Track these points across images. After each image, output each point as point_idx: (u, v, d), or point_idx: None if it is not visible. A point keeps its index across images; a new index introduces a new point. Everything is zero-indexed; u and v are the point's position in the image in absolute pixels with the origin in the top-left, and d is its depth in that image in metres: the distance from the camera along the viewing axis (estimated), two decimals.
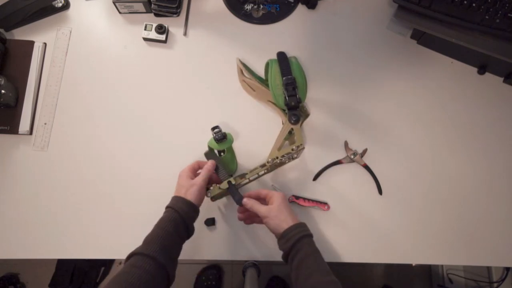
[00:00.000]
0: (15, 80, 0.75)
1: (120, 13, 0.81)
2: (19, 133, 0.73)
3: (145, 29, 0.78)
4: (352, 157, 0.73)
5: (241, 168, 0.73)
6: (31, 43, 0.77)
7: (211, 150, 0.70)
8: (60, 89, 0.77)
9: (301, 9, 0.83)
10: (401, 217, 0.72)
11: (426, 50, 0.81)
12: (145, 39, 0.79)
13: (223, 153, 0.71)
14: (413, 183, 0.74)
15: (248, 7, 0.82)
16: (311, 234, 0.59)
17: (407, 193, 0.74)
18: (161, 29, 0.78)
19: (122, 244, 0.70)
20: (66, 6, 0.81)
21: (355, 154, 0.73)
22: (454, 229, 0.72)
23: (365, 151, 0.74)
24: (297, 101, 0.65)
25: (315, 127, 0.76)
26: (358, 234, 0.71)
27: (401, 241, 0.71)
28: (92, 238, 0.70)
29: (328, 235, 0.71)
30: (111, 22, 0.81)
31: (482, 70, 0.79)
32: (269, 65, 0.69)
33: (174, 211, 0.58)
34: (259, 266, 1.26)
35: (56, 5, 0.80)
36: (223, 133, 0.68)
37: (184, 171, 0.64)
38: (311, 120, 0.76)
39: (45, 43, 0.78)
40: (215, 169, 0.67)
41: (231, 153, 0.72)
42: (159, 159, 0.74)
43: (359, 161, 0.73)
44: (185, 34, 0.81)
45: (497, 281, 1.18)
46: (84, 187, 0.72)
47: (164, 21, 0.80)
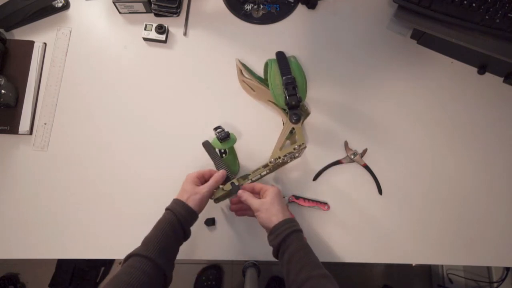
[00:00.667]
0: (15, 80, 0.75)
1: (120, 13, 0.81)
2: (19, 133, 0.73)
3: (145, 29, 0.78)
4: (352, 157, 0.73)
5: (243, 169, 0.73)
6: (31, 43, 0.77)
7: (210, 144, 0.69)
8: (60, 89, 0.77)
9: (301, 9, 0.83)
10: (401, 217, 0.72)
11: (426, 50, 0.81)
12: (145, 39, 0.79)
13: (225, 154, 0.71)
14: (413, 183, 0.74)
15: (248, 7, 0.82)
16: (300, 229, 0.58)
17: (407, 193, 0.74)
18: (161, 29, 0.78)
19: (122, 244, 0.70)
20: (66, 6, 0.81)
21: (355, 154, 0.73)
22: (454, 229, 0.72)
23: (365, 151, 0.74)
24: (298, 100, 0.65)
25: (315, 126, 0.76)
26: (358, 234, 0.71)
27: (401, 241, 0.71)
28: (92, 238, 0.70)
29: (328, 235, 0.71)
30: (111, 22, 0.81)
31: (482, 70, 0.79)
32: (268, 65, 0.69)
33: (172, 214, 0.58)
34: (259, 266, 1.26)
35: (56, 5, 0.80)
36: (227, 132, 0.68)
37: (191, 176, 0.63)
38: (311, 120, 0.76)
39: (45, 43, 0.78)
40: (214, 161, 0.66)
41: (233, 154, 0.72)
42: (159, 159, 0.74)
43: (359, 161, 0.73)
44: (185, 34, 0.81)
45: (497, 281, 1.18)
46: (84, 187, 0.72)
47: (164, 21, 0.80)
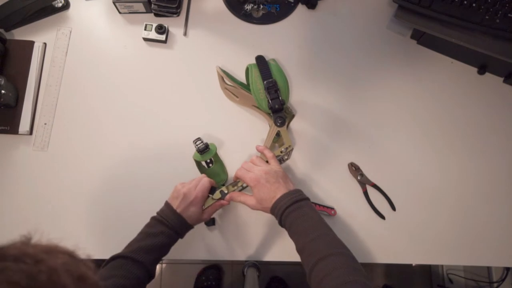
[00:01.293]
0: (15, 80, 0.75)
1: (120, 13, 0.81)
2: (19, 133, 0.73)
3: (145, 29, 0.78)
4: (359, 178, 0.72)
5: (232, 176, 0.72)
6: (31, 43, 0.77)
7: (198, 163, 0.70)
8: (60, 89, 0.77)
9: (301, 9, 0.83)
10: (401, 217, 0.72)
11: (426, 50, 0.81)
12: (145, 39, 0.79)
13: (211, 164, 0.71)
14: (413, 183, 0.74)
15: (248, 7, 0.82)
16: (288, 205, 0.56)
17: (407, 193, 0.74)
18: (161, 29, 0.78)
19: (122, 244, 0.70)
20: (66, 6, 0.81)
21: (362, 175, 0.72)
22: (454, 229, 0.72)
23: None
24: (281, 103, 0.65)
25: (315, 127, 0.76)
26: (358, 234, 0.71)
27: (401, 241, 0.71)
28: (92, 238, 0.70)
29: None
30: (111, 22, 0.81)
31: (482, 70, 0.79)
32: (249, 70, 0.68)
33: (178, 235, 0.61)
34: (259, 266, 1.26)
35: (56, 5, 0.80)
36: (205, 143, 0.68)
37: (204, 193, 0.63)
38: (312, 119, 0.76)
39: (45, 43, 0.78)
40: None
41: (220, 162, 0.72)
42: (159, 159, 0.74)
43: (367, 182, 0.72)
44: (185, 34, 0.81)
45: (497, 281, 1.18)
46: (84, 187, 0.72)
47: (164, 21, 0.80)
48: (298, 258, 0.56)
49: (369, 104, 0.78)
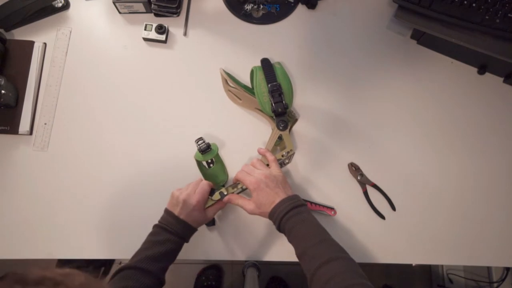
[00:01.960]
0: (15, 80, 0.75)
1: (120, 13, 0.81)
2: (19, 133, 0.73)
3: (145, 29, 0.78)
4: (359, 178, 0.72)
5: (233, 177, 0.72)
6: (31, 43, 0.77)
7: (199, 163, 0.70)
8: (60, 89, 0.77)
9: (301, 9, 0.83)
10: (401, 217, 0.72)
11: (426, 50, 0.81)
12: (145, 39, 0.79)
13: (212, 164, 0.71)
14: (413, 183, 0.74)
15: (248, 7, 0.82)
16: (288, 210, 0.56)
17: (407, 193, 0.74)
18: (161, 29, 0.78)
19: (122, 244, 0.70)
20: (66, 6, 0.81)
21: (362, 175, 0.72)
22: (454, 229, 0.72)
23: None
24: (284, 107, 0.64)
25: (314, 127, 0.76)
26: (358, 234, 0.71)
27: (401, 241, 0.71)
28: (92, 238, 0.70)
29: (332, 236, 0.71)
30: (111, 22, 0.81)
31: (482, 70, 0.79)
32: (253, 73, 0.68)
33: (184, 240, 0.61)
34: (259, 266, 1.26)
35: (56, 5, 0.80)
36: (207, 143, 0.68)
37: (201, 204, 0.62)
38: (312, 119, 0.76)
39: (45, 43, 0.78)
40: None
41: (221, 163, 0.72)
42: (160, 159, 0.74)
43: (367, 182, 0.72)
44: (185, 34, 0.81)
45: (497, 281, 1.18)
46: (84, 187, 0.72)
47: (164, 21, 0.80)
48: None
49: (369, 104, 0.78)
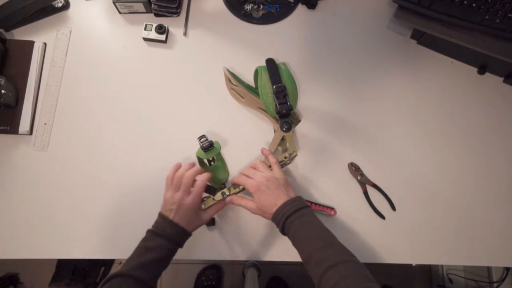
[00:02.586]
0: (15, 80, 0.75)
1: (120, 13, 0.81)
2: (19, 133, 0.73)
3: (145, 29, 0.78)
4: (359, 178, 0.72)
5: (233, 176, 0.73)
6: (31, 43, 0.77)
7: (200, 160, 0.70)
8: (60, 89, 0.77)
9: (301, 9, 0.83)
10: (401, 217, 0.72)
11: (426, 50, 0.81)
12: (145, 39, 0.79)
13: (213, 162, 0.71)
14: (413, 183, 0.74)
15: (248, 7, 0.82)
16: (290, 213, 0.56)
17: (406, 193, 0.74)
18: (161, 29, 0.78)
19: (122, 244, 0.70)
20: (66, 6, 0.81)
21: (362, 175, 0.72)
22: (454, 229, 0.72)
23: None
24: (288, 108, 0.64)
25: (315, 125, 0.76)
26: (358, 234, 0.71)
27: (401, 241, 0.71)
28: (92, 238, 0.70)
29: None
30: (111, 22, 0.81)
31: (482, 70, 0.79)
32: (258, 73, 0.68)
33: (176, 244, 0.59)
34: (259, 266, 1.26)
35: (56, 5, 0.80)
36: (210, 141, 0.68)
37: (196, 202, 0.61)
38: (312, 119, 0.76)
39: (45, 43, 0.78)
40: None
41: (222, 161, 0.72)
42: (160, 159, 0.74)
43: (367, 182, 0.72)
44: (185, 34, 0.81)
45: (497, 281, 1.18)
46: (84, 187, 0.72)
47: (164, 21, 0.80)
48: (298, 258, 0.56)
49: (369, 104, 0.78)
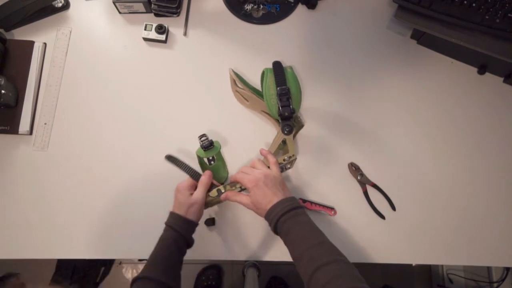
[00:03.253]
0: (15, 80, 0.75)
1: (120, 13, 0.81)
2: (19, 133, 0.73)
3: (145, 29, 0.78)
4: (359, 178, 0.72)
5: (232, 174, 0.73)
6: (31, 43, 0.77)
7: (200, 159, 0.70)
8: (60, 89, 0.77)
9: (301, 9, 0.83)
10: (401, 217, 0.72)
11: (426, 50, 0.81)
12: (145, 39, 0.79)
13: (213, 161, 0.71)
14: (413, 183, 0.74)
15: (248, 7, 0.82)
16: (285, 211, 0.56)
17: (406, 193, 0.74)
18: (161, 29, 0.78)
19: (122, 244, 0.70)
20: (66, 6, 0.81)
21: (362, 175, 0.72)
22: (454, 229, 0.72)
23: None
24: (291, 111, 0.64)
25: (316, 125, 0.76)
26: (358, 234, 0.71)
27: (401, 241, 0.71)
28: (92, 238, 0.70)
29: (332, 236, 0.71)
30: (111, 22, 0.81)
31: (482, 70, 0.79)
32: (264, 74, 0.68)
33: (174, 230, 0.59)
34: (259, 266, 1.26)
35: (56, 5, 0.80)
36: (210, 140, 0.68)
37: (182, 186, 0.63)
38: (312, 119, 0.76)
39: (45, 43, 0.78)
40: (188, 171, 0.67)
41: (221, 160, 0.72)
42: (160, 159, 0.73)
43: (367, 182, 0.72)
44: (185, 34, 0.81)
45: (497, 281, 1.18)
46: (84, 187, 0.72)
47: (164, 21, 0.80)
48: None
49: (369, 104, 0.78)
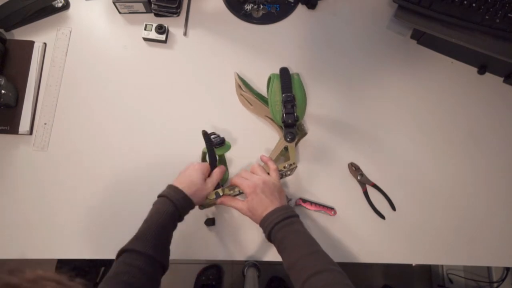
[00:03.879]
0: (15, 80, 0.75)
1: (120, 13, 0.81)
2: (19, 133, 0.73)
3: (145, 29, 0.78)
4: (359, 178, 0.72)
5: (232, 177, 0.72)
6: (31, 43, 0.77)
7: (204, 158, 0.70)
8: (60, 89, 0.77)
9: (301, 9, 0.83)
10: (401, 217, 0.72)
11: (426, 50, 0.81)
12: (145, 39, 0.79)
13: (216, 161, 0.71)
14: (413, 183, 0.74)
15: (248, 7, 0.82)
16: (281, 219, 0.56)
17: (406, 193, 0.74)
18: (161, 29, 0.78)
19: (122, 244, 0.70)
20: (66, 6, 0.81)
21: (362, 175, 0.72)
22: (454, 229, 0.72)
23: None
24: (294, 119, 0.64)
25: (316, 125, 0.76)
26: (358, 234, 0.71)
27: (401, 241, 0.71)
28: (92, 238, 0.70)
29: (331, 236, 0.71)
30: (111, 22, 0.81)
31: (482, 70, 0.79)
32: (270, 80, 0.68)
33: (174, 205, 0.57)
34: (259, 266, 1.26)
35: (56, 5, 0.80)
36: (222, 138, 0.67)
37: (202, 167, 0.63)
38: (312, 119, 0.76)
39: (45, 43, 0.78)
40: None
41: (224, 162, 0.72)
42: (160, 160, 0.74)
43: (367, 182, 0.72)
44: (185, 34, 0.81)
45: (497, 281, 1.18)
46: (84, 187, 0.72)
47: (164, 21, 0.80)
48: None
49: (369, 104, 0.78)
